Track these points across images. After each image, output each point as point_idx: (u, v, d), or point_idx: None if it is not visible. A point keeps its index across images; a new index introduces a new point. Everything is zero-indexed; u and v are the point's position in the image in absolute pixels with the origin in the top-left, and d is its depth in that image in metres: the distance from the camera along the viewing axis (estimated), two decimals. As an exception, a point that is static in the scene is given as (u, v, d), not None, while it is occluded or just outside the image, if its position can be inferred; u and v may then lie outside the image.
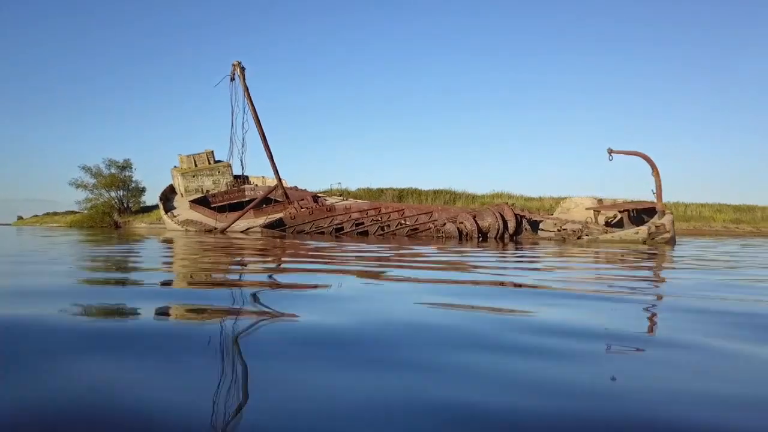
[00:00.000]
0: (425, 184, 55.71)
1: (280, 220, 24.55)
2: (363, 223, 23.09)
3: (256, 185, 38.02)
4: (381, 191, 50.45)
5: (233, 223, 26.16)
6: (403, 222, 22.21)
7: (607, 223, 17.68)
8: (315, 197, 26.71)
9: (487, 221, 19.03)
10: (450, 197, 50.07)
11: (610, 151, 17.28)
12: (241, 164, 26.18)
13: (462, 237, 19.17)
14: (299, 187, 29.84)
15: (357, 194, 44.71)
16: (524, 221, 19.35)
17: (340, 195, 33.75)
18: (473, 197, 50.64)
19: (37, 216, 65.53)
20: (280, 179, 26.90)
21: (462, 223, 19.50)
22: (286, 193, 27.01)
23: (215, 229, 27.02)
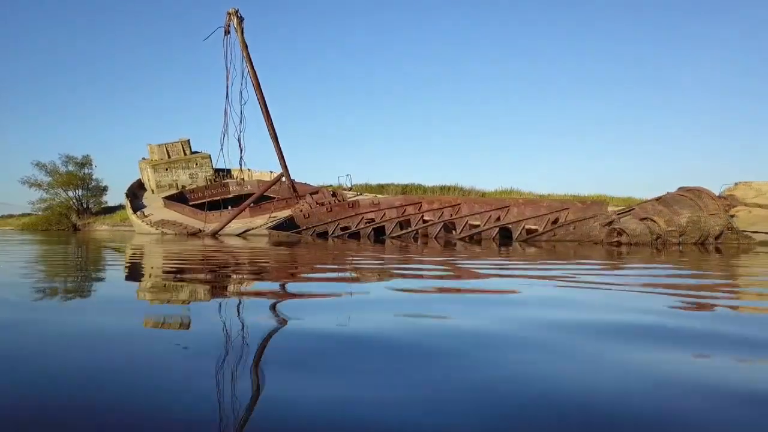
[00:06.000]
0: (428, 180, 50.49)
1: (291, 220, 18.67)
2: (409, 223, 17.37)
3: (243, 179, 31.86)
4: (382, 187, 45.43)
5: (227, 224, 20.12)
6: (475, 224, 16.44)
7: None
8: (332, 192, 20.90)
9: (684, 216, 12.34)
10: (459, 194, 45.34)
11: None
12: (239, 145, 20.04)
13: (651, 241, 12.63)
14: (296, 180, 24.03)
15: (356, 190, 39.51)
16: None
17: (350, 189, 27.94)
18: (482, 194, 46.56)
19: (-11, 219, 59.33)
20: (286, 167, 20.88)
21: (649, 219, 12.73)
22: (294, 187, 21.12)
23: (201, 231, 20.98)
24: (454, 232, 17.19)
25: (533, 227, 15.21)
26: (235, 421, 1.18)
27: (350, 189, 27.01)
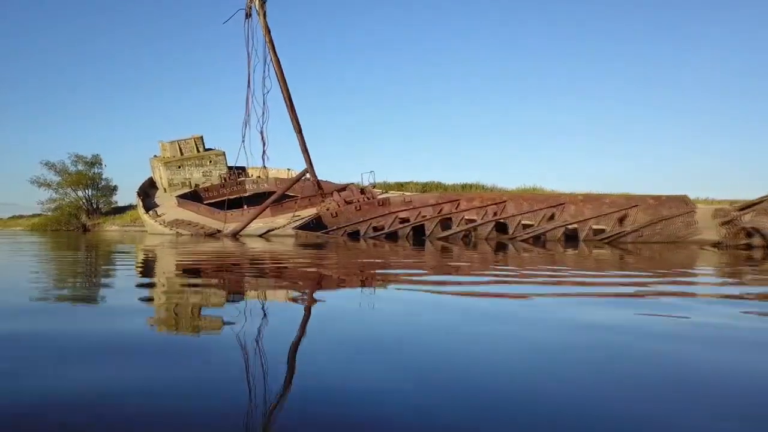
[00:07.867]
0: (446, 178, 48.96)
1: (318, 219, 17.16)
2: (450, 223, 15.78)
3: (259, 177, 30.43)
4: (401, 185, 44.11)
5: (248, 224, 18.66)
6: (528, 223, 14.81)
7: None
8: (361, 189, 19.40)
9: None
10: (482, 192, 44.00)
11: None
12: (262, 138, 18.52)
13: None
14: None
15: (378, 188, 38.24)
16: None
17: (374, 187, 26.41)
18: (503, 192, 45.23)
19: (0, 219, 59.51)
20: (311, 163, 19.33)
21: None
22: (319, 184, 19.61)
23: (219, 232, 19.53)
24: (493, 231, 15.62)
25: (598, 227, 13.55)
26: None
27: (374, 187, 25.53)
